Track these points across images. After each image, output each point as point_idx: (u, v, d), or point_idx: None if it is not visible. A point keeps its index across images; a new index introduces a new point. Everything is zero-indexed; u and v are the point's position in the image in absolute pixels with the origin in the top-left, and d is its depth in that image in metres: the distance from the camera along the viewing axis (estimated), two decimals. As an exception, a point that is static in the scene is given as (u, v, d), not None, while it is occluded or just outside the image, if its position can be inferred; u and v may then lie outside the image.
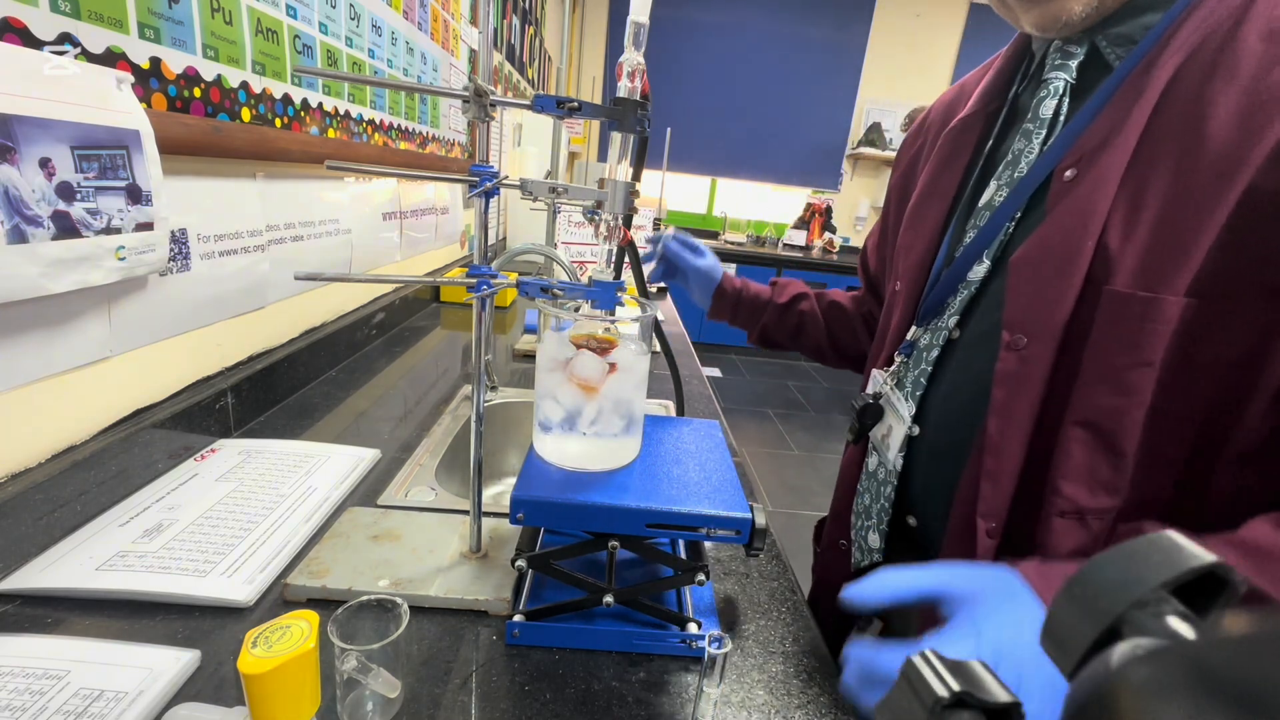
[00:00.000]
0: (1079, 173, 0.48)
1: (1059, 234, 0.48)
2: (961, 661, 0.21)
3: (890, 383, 0.63)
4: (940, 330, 0.58)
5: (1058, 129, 0.53)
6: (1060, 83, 0.53)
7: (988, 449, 0.51)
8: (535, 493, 0.47)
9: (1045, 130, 0.53)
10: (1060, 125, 0.53)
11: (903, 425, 0.60)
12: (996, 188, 0.55)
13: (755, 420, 3.53)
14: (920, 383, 0.59)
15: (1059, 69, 0.53)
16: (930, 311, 0.59)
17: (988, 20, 4.61)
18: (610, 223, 0.50)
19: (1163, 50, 0.46)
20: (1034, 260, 0.49)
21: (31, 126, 0.49)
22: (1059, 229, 0.48)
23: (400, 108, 1.35)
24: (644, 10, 0.45)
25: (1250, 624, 0.13)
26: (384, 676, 0.41)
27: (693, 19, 4.58)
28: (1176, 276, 0.43)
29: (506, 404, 1.05)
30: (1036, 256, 0.49)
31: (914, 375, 0.60)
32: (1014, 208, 0.53)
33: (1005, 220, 0.53)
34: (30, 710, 0.39)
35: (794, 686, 0.50)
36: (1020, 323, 0.49)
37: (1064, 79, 0.53)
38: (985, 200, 0.56)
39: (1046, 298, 0.48)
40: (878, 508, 0.63)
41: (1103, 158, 0.47)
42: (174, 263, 0.70)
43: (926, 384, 0.59)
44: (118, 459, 0.63)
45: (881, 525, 0.62)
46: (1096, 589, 0.18)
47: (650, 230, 1.94)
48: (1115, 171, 0.46)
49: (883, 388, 0.64)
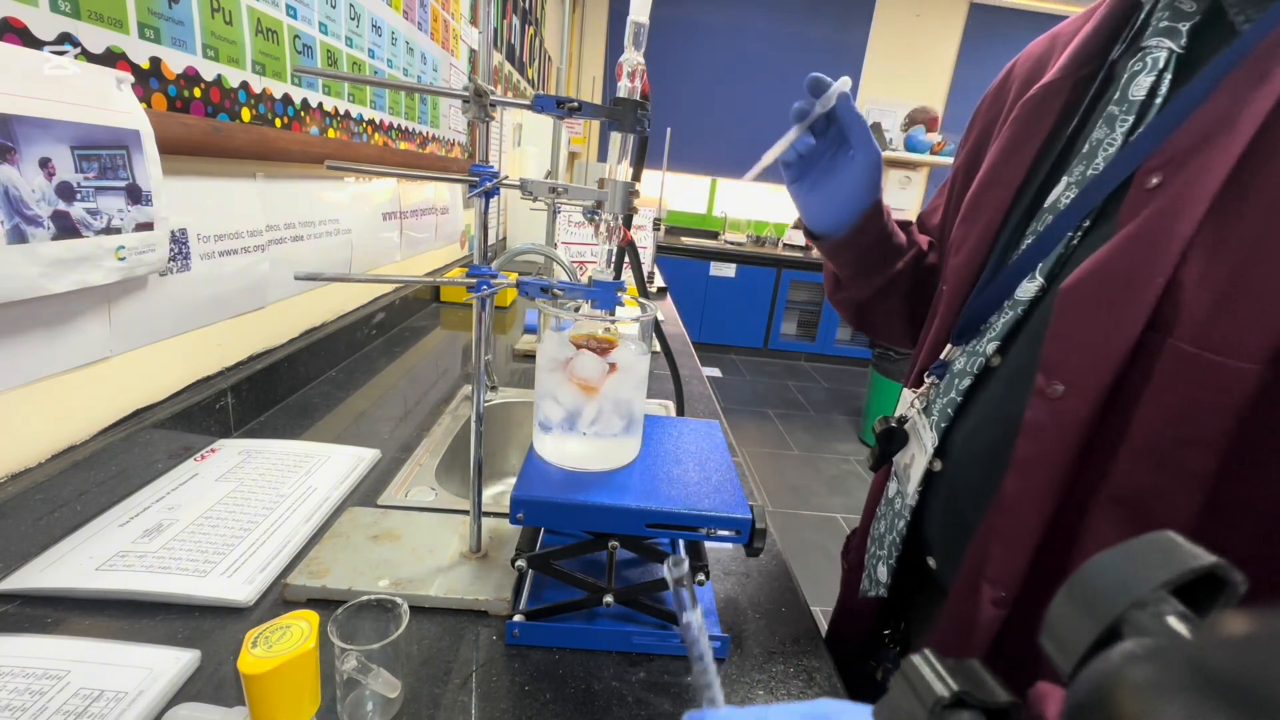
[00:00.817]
0: (1165, 180, 0.37)
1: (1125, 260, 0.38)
2: (962, 661, 0.21)
3: (918, 406, 0.55)
4: (977, 355, 0.49)
5: (1150, 115, 0.41)
6: (1162, 53, 0.40)
7: (1003, 507, 0.44)
8: (535, 493, 0.47)
9: (1134, 116, 0.41)
10: (1154, 110, 0.41)
11: (924, 456, 0.52)
12: (1066, 185, 0.45)
13: (755, 420, 3.53)
14: (947, 413, 0.51)
15: (1164, 33, 0.40)
16: (968, 329, 0.50)
17: (988, 20, 4.61)
18: (610, 223, 0.50)
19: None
20: (1087, 291, 0.39)
21: (31, 126, 0.49)
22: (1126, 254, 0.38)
23: (400, 108, 1.35)
24: (644, 10, 0.45)
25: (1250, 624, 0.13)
26: (384, 676, 0.41)
27: (693, 19, 4.58)
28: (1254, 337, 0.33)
29: (506, 404, 1.05)
30: (1092, 286, 0.39)
31: (942, 403, 0.52)
32: (1080, 214, 0.43)
33: (1068, 229, 0.43)
34: (30, 710, 0.39)
35: (794, 687, 0.50)
36: (1059, 366, 0.40)
37: (1168, 47, 0.40)
38: (1051, 200, 0.46)
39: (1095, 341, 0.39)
40: (890, 539, 0.57)
41: (1196, 162, 0.36)
42: (174, 263, 0.70)
43: (954, 415, 0.51)
44: (118, 459, 0.63)
45: (890, 559, 0.56)
46: (1096, 589, 0.18)
47: (650, 230, 1.93)
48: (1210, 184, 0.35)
49: (909, 411, 0.56)
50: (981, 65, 4.68)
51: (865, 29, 4.65)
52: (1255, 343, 0.33)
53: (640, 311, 0.53)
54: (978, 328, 0.49)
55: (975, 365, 0.49)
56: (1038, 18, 4.55)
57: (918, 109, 4.61)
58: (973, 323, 0.50)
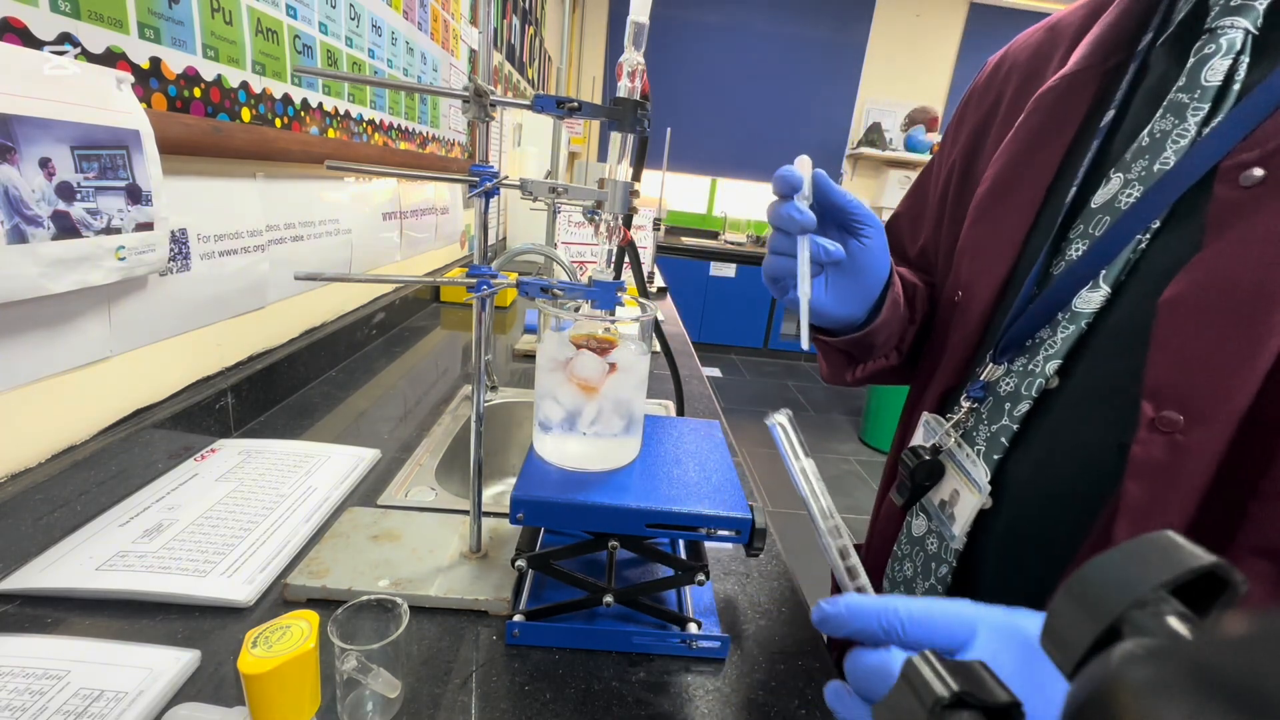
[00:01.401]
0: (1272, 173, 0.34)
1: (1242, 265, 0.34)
2: (962, 661, 0.21)
3: (954, 435, 0.49)
4: (1033, 376, 0.44)
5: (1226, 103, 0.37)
6: (1238, 34, 0.37)
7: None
8: (535, 493, 0.47)
9: (1209, 104, 0.38)
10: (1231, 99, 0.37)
11: (975, 495, 0.46)
12: (1123, 182, 0.41)
13: (755, 420, 3.53)
14: (1001, 443, 0.45)
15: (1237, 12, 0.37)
16: (1015, 344, 0.45)
17: (988, 20, 4.61)
18: (610, 223, 0.50)
19: None
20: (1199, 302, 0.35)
21: (31, 126, 0.49)
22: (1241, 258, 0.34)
23: (400, 108, 1.35)
24: (644, 10, 0.45)
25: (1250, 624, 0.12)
26: (384, 676, 0.41)
27: (693, 19, 4.58)
28: None
29: (506, 404, 1.05)
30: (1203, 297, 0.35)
31: (991, 430, 0.46)
32: (1152, 215, 0.38)
33: (1136, 231, 0.39)
34: (30, 710, 0.39)
35: (794, 687, 0.50)
36: (1174, 394, 0.35)
37: (1244, 27, 0.37)
38: (1104, 199, 0.42)
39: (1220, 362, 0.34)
40: (925, 586, 0.51)
41: None
42: (174, 263, 0.70)
43: (1009, 445, 0.45)
44: (118, 459, 0.63)
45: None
46: (1096, 589, 0.18)
47: (650, 230, 1.93)
48: None
49: (943, 440, 0.49)
50: (981, 65, 4.67)
51: (865, 29, 4.65)
52: None
53: (640, 311, 0.53)
54: (1024, 344, 0.45)
55: (1032, 387, 0.44)
56: (1038, 18, 4.53)
57: (918, 109, 4.62)
58: (1021, 337, 0.45)
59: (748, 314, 4.60)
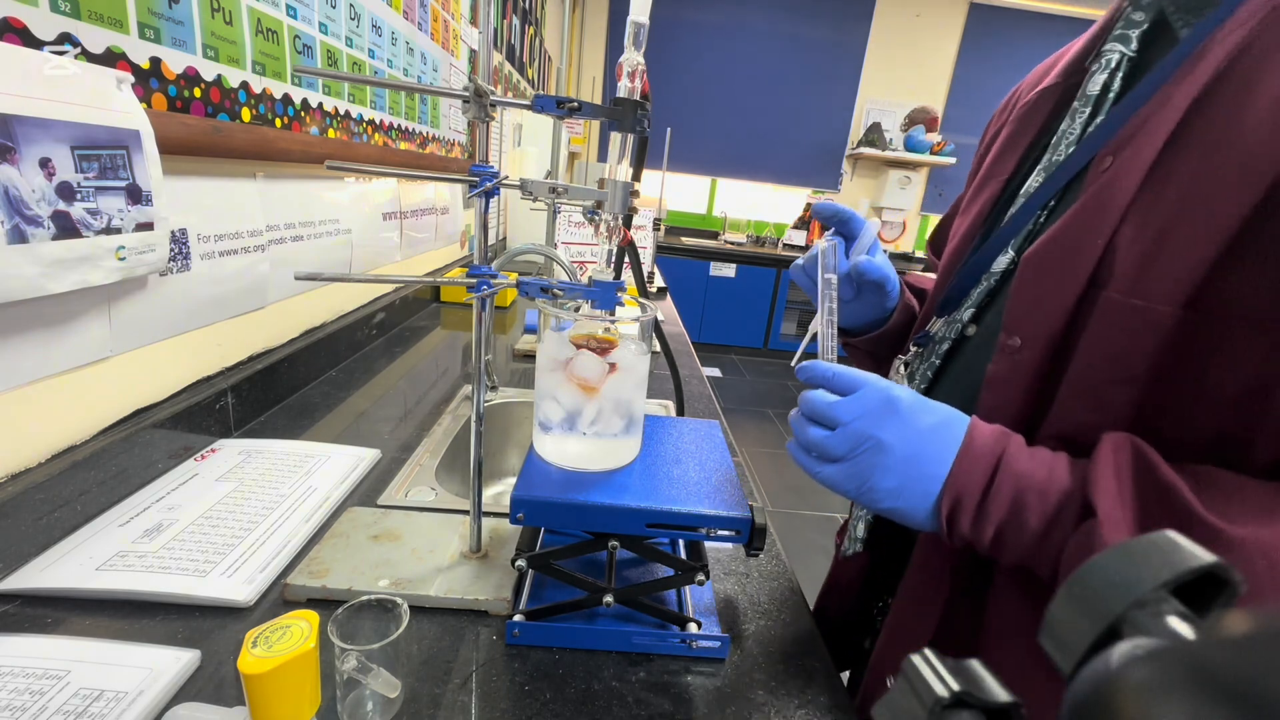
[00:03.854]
0: (1114, 162, 0.43)
1: (1074, 229, 0.44)
2: (962, 661, 0.21)
3: (902, 372, 0.60)
4: (955, 323, 0.55)
5: (1104, 109, 0.48)
6: (1115, 55, 0.48)
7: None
8: (535, 493, 0.47)
9: (1089, 109, 0.48)
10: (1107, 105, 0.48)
11: None
12: (1036, 173, 0.51)
13: (755, 420, 3.53)
14: (927, 376, 0.56)
15: (1118, 39, 0.48)
16: (950, 302, 0.56)
17: (988, 20, 4.61)
18: (610, 223, 0.50)
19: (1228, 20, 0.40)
20: (1042, 256, 0.46)
21: (31, 126, 0.49)
22: (1075, 224, 0.44)
23: (400, 108, 1.35)
24: (644, 10, 0.45)
25: (1250, 624, 0.13)
26: (384, 676, 0.41)
27: (693, 19, 4.58)
28: (1174, 285, 0.39)
29: (506, 404, 1.05)
30: (1045, 252, 0.45)
31: (922, 369, 0.57)
32: (1046, 196, 0.49)
33: (1036, 209, 0.49)
34: (30, 710, 0.39)
35: (794, 687, 0.50)
36: (1018, 324, 0.46)
37: (1120, 51, 0.47)
38: (1026, 186, 0.52)
39: (1045, 299, 0.45)
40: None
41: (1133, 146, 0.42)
42: (174, 263, 0.70)
43: (932, 378, 0.56)
44: (118, 459, 0.63)
45: (868, 516, 0.61)
46: (1096, 589, 0.18)
47: (650, 230, 1.93)
48: (1144, 161, 0.41)
49: (895, 377, 0.60)
50: (981, 65, 4.69)
51: (865, 29, 4.65)
52: (1171, 289, 0.39)
53: (640, 311, 0.53)
54: (959, 301, 0.54)
55: (953, 332, 0.54)
56: (1038, 18, 4.56)
57: (918, 109, 4.62)
58: (954, 296, 0.55)
59: (748, 314, 4.60)
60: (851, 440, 0.44)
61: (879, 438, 0.43)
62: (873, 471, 0.44)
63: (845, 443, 0.44)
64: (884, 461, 0.43)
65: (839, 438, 0.44)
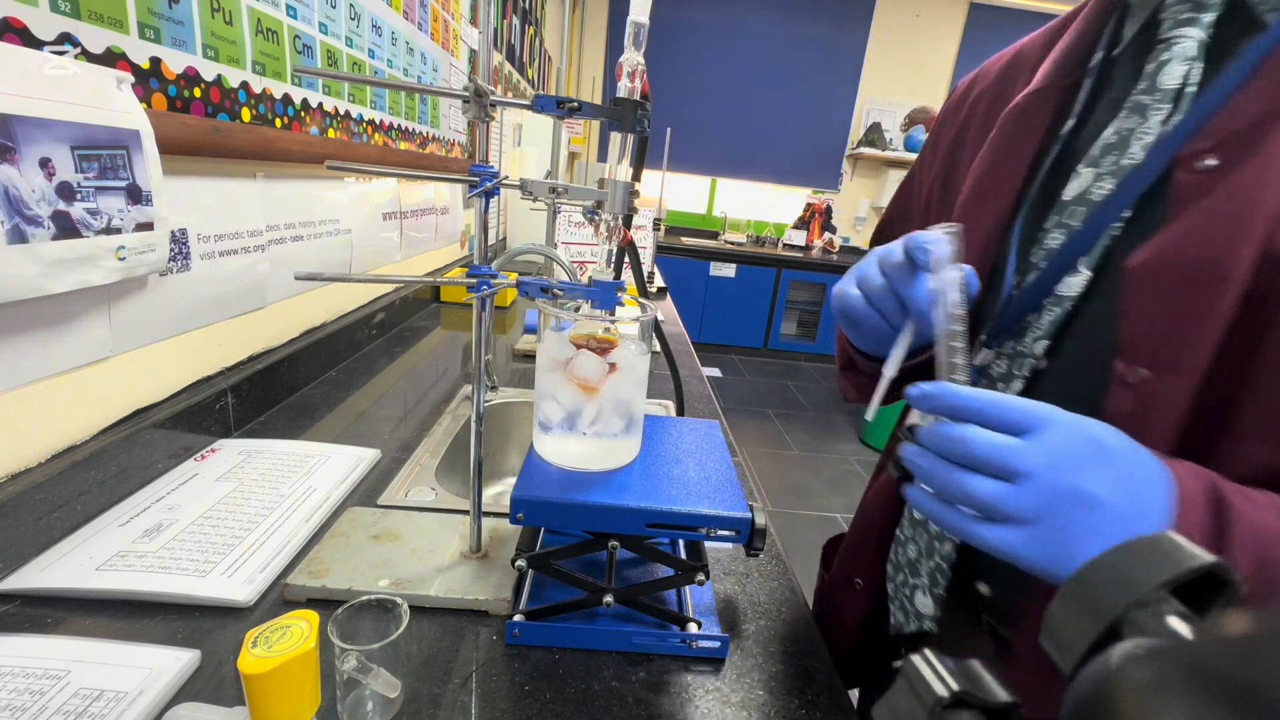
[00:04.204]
0: (1225, 161, 0.38)
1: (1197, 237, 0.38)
2: (962, 661, 0.21)
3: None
4: (1023, 357, 0.47)
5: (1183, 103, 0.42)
6: (1191, 43, 0.42)
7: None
8: (535, 493, 0.47)
9: (1170, 104, 0.42)
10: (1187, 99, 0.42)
11: None
12: (1094, 176, 0.45)
13: (755, 420, 3.53)
14: None
15: (1187, 24, 0.42)
16: (1004, 332, 0.49)
17: (988, 20, 4.61)
18: (610, 223, 0.50)
19: None
20: (1161, 269, 0.39)
21: (31, 126, 0.49)
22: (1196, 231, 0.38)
23: (400, 108, 1.35)
24: (644, 10, 0.45)
25: (1250, 624, 0.13)
26: (384, 676, 0.41)
27: (693, 19, 4.58)
28: None
29: (506, 404, 1.05)
30: (1164, 264, 0.39)
31: None
32: (1125, 203, 0.42)
33: (1111, 219, 0.43)
34: (30, 710, 0.39)
35: (794, 687, 0.50)
36: (1141, 350, 0.39)
37: (1197, 37, 0.41)
38: (1077, 193, 0.46)
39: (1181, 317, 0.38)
40: (930, 565, 0.53)
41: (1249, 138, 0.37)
42: (174, 263, 0.70)
43: None
44: (118, 459, 0.63)
45: (937, 588, 0.53)
46: (1096, 589, 0.18)
47: (650, 230, 1.93)
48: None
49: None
50: (981, 65, 4.68)
51: (865, 29, 4.65)
52: None
53: (640, 311, 0.53)
54: (1016, 329, 0.48)
55: (1023, 368, 0.47)
56: (1038, 17, 4.55)
57: (918, 109, 4.61)
58: (1011, 325, 0.48)
59: (748, 314, 4.60)
60: (1044, 496, 0.33)
61: (1087, 491, 0.32)
62: (1076, 537, 0.32)
63: (1035, 499, 0.33)
64: (1093, 523, 0.32)
65: (1025, 494, 0.33)
